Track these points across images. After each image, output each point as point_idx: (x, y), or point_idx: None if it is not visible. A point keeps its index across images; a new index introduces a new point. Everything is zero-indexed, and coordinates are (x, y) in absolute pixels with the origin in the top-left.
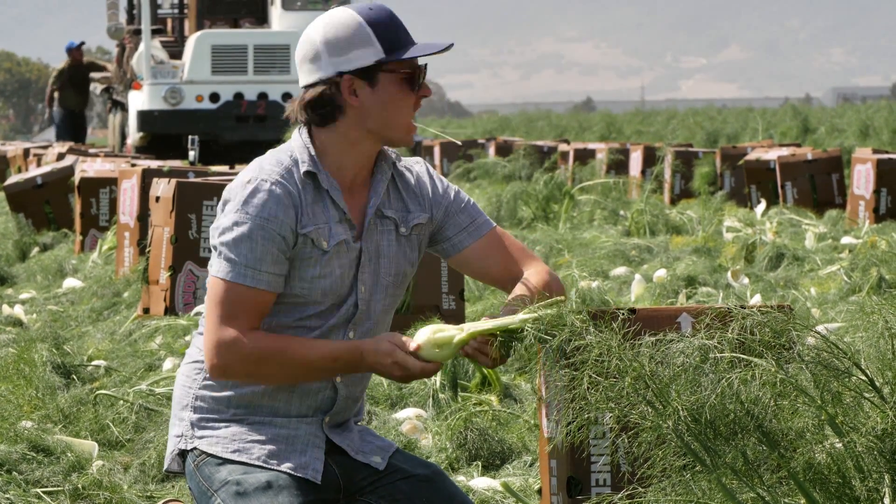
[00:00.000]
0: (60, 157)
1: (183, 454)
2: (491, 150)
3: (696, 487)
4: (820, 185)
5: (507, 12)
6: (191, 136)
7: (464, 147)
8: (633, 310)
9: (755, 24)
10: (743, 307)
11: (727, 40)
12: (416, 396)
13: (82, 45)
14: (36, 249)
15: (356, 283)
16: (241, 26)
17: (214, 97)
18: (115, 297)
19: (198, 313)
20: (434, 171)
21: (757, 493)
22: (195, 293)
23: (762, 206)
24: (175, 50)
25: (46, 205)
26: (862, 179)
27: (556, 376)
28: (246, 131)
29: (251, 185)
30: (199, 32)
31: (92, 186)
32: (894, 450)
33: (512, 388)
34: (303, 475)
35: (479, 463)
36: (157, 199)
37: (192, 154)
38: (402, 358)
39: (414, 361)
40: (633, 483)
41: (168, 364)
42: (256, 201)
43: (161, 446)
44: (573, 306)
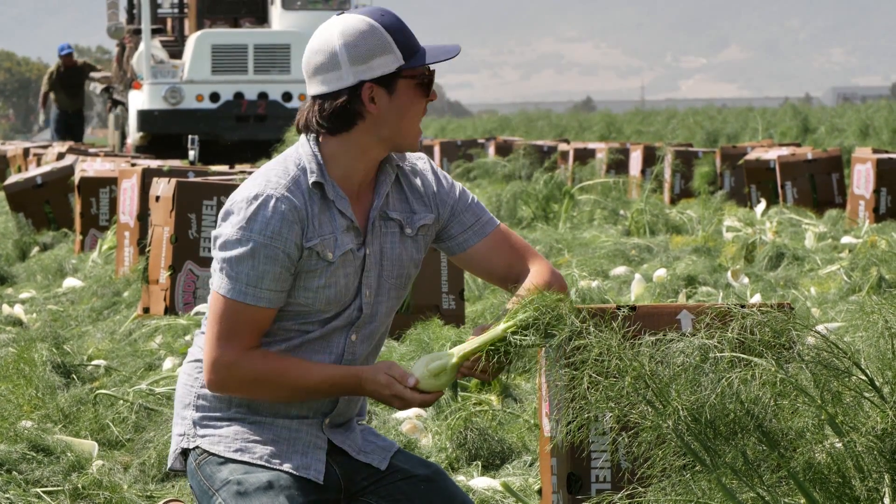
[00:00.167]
0: (60, 156)
1: (185, 453)
2: (491, 150)
3: (696, 487)
4: (820, 185)
5: (507, 12)
6: (191, 136)
7: (464, 147)
8: (633, 307)
9: (755, 24)
10: (743, 307)
11: (727, 40)
12: None
13: (71, 54)
14: (36, 249)
15: (360, 288)
16: (241, 26)
17: (214, 97)
18: (115, 296)
19: (198, 313)
20: (438, 168)
21: (757, 492)
22: (195, 293)
23: (762, 205)
24: (175, 49)
25: (46, 204)
26: (862, 179)
27: (557, 376)
28: (246, 131)
29: (257, 201)
30: (199, 32)
31: (92, 186)
32: (894, 450)
33: (512, 388)
34: (304, 475)
35: (479, 463)
36: (157, 198)
37: (192, 154)
38: (400, 391)
39: (412, 394)
40: (633, 482)
41: (168, 364)
42: (261, 219)
43: (161, 446)
44: (564, 305)
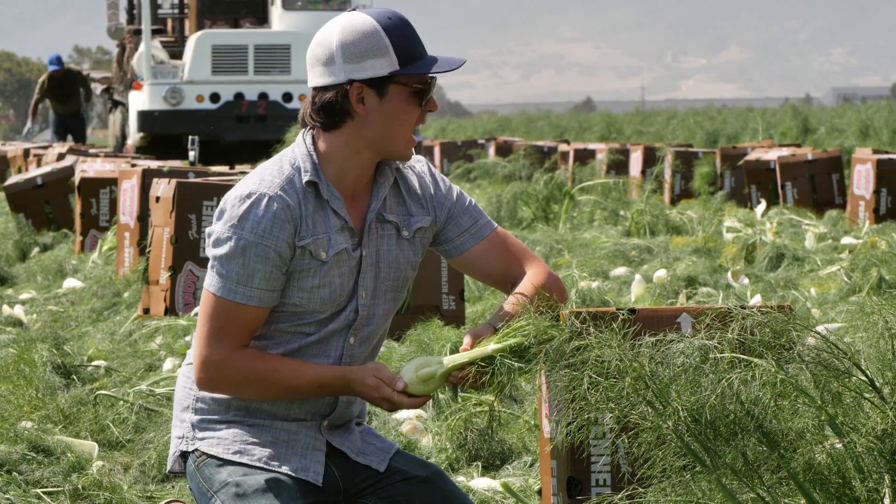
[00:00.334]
0: (60, 157)
1: (185, 455)
2: (491, 151)
3: (696, 488)
4: (820, 186)
5: (507, 12)
6: (191, 137)
7: (464, 147)
8: (633, 310)
9: (755, 24)
10: (743, 307)
11: (727, 40)
12: None
13: (58, 69)
14: (36, 249)
15: (356, 290)
16: (241, 26)
17: (215, 97)
18: (115, 297)
19: (198, 314)
20: (436, 171)
21: (757, 493)
22: (195, 293)
23: (762, 206)
24: (175, 50)
25: (46, 205)
26: (862, 179)
27: (557, 376)
28: (246, 131)
29: (249, 199)
30: (199, 32)
31: (92, 186)
32: (894, 450)
33: (512, 389)
34: (303, 477)
35: (479, 463)
36: (157, 199)
37: (192, 154)
38: (388, 394)
39: (401, 397)
40: (633, 483)
41: (168, 364)
42: (253, 217)
43: (161, 446)
44: (558, 330)
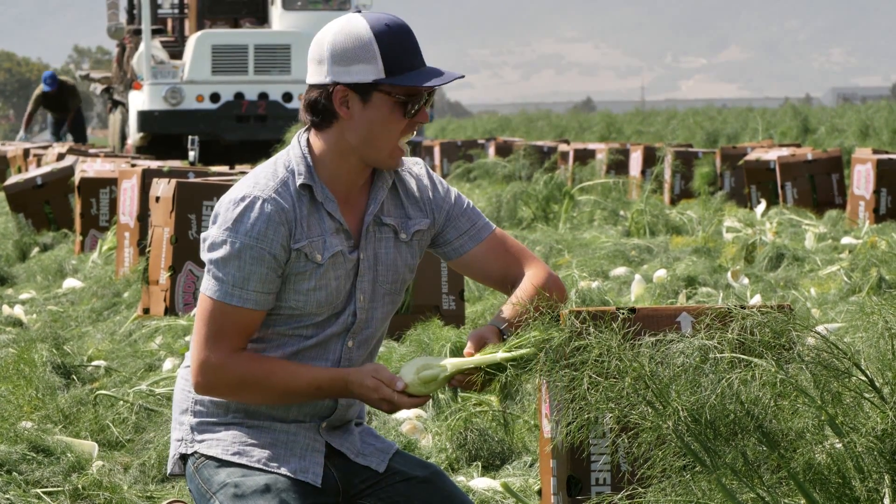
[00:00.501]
0: (60, 157)
1: (184, 458)
2: (491, 151)
3: (696, 488)
4: (820, 186)
5: (507, 12)
6: (191, 137)
7: (464, 147)
8: (633, 309)
9: (755, 24)
10: (743, 307)
11: (727, 40)
12: None
13: (52, 89)
14: (36, 249)
15: (354, 293)
16: (241, 26)
17: (215, 97)
18: (115, 297)
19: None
20: (434, 173)
21: (757, 493)
22: (195, 293)
23: (762, 206)
24: (175, 50)
25: (46, 205)
26: (862, 179)
27: (557, 376)
28: (246, 131)
29: (243, 202)
30: (199, 32)
31: (92, 186)
32: (894, 450)
33: (514, 391)
34: (302, 479)
35: (479, 463)
36: (157, 199)
37: (192, 154)
38: (388, 395)
39: (401, 398)
40: (633, 483)
41: (168, 364)
42: (247, 220)
43: (161, 447)
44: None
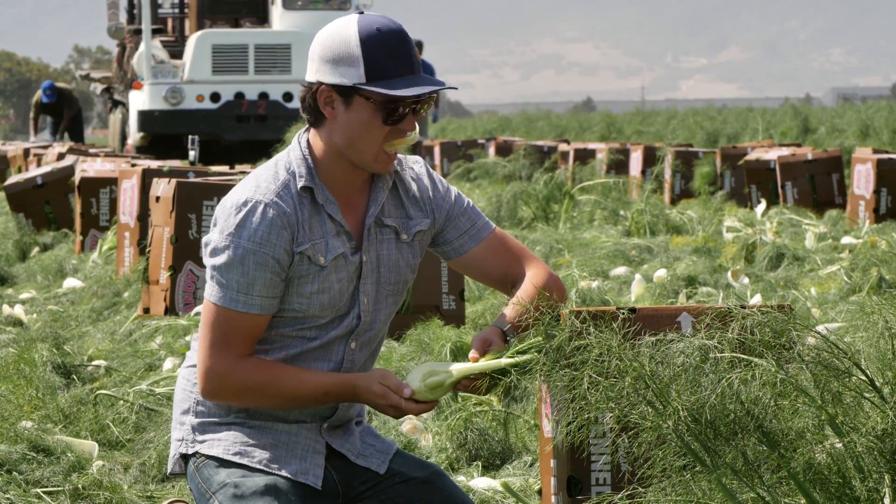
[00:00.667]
0: (60, 157)
1: (185, 457)
2: (491, 150)
3: (696, 487)
4: (820, 185)
5: (507, 12)
6: (191, 136)
7: (464, 147)
8: (633, 309)
9: (755, 24)
10: (743, 307)
11: (727, 40)
12: None
13: (52, 100)
14: (36, 249)
15: (358, 296)
16: (241, 26)
17: (215, 97)
18: (115, 297)
19: (198, 313)
20: (434, 173)
21: (757, 493)
22: (195, 293)
23: (762, 206)
24: (176, 50)
25: (46, 205)
26: (862, 179)
27: (557, 376)
28: (247, 131)
29: (245, 207)
30: (199, 32)
31: (92, 186)
32: (894, 450)
33: (512, 389)
34: (303, 481)
35: (480, 463)
36: (158, 199)
37: (192, 154)
38: (396, 401)
39: (408, 404)
40: (633, 483)
41: (168, 364)
42: (249, 225)
43: (161, 446)
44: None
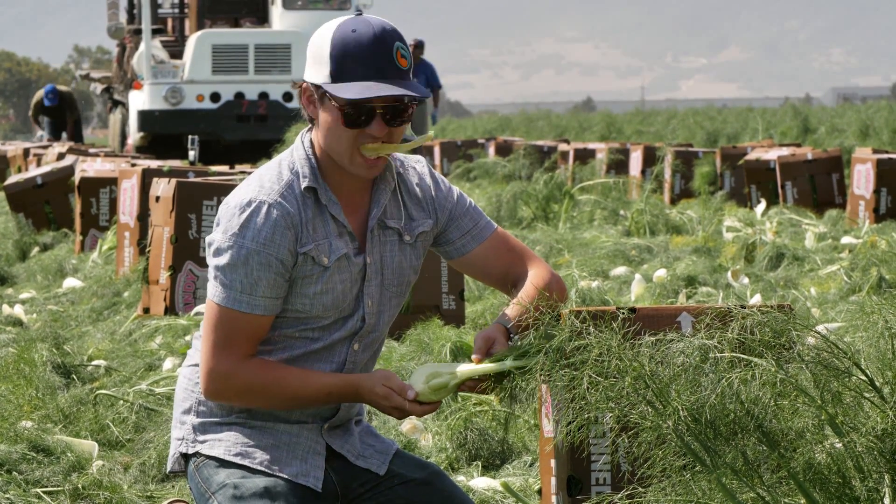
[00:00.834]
0: (60, 157)
1: (185, 456)
2: (491, 150)
3: (696, 487)
4: (820, 185)
5: (507, 12)
6: (191, 136)
7: (464, 147)
8: (633, 309)
9: (755, 24)
10: (743, 307)
11: (727, 40)
12: None
13: (54, 104)
14: (36, 249)
15: (362, 297)
16: (241, 26)
17: (215, 97)
18: (115, 297)
19: (198, 313)
20: (436, 172)
21: (757, 493)
22: (195, 293)
23: (762, 206)
24: (176, 49)
25: (46, 205)
26: (862, 179)
27: (557, 376)
28: (247, 131)
29: (249, 207)
30: (199, 32)
31: (92, 186)
32: (894, 450)
33: (512, 388)
34: (303, 482)
35: (479, 463)
36: (157, 198)
37: (192, 154)
38: (399, 403)
39: (412, 406)
40: (633, 483)
41: (168, 364)
42: (253, 225)
43: (161, 446)
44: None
